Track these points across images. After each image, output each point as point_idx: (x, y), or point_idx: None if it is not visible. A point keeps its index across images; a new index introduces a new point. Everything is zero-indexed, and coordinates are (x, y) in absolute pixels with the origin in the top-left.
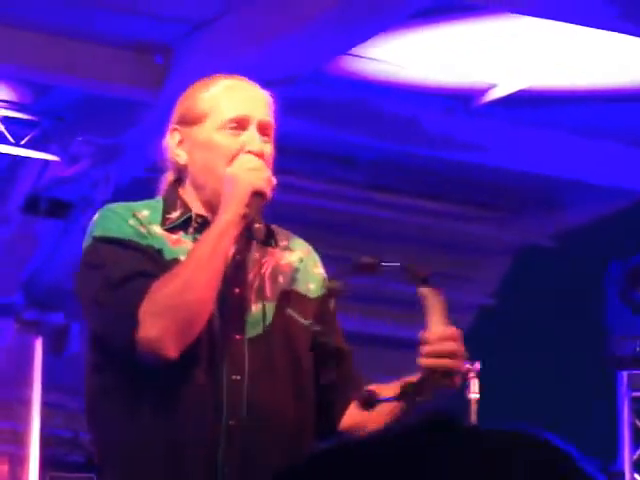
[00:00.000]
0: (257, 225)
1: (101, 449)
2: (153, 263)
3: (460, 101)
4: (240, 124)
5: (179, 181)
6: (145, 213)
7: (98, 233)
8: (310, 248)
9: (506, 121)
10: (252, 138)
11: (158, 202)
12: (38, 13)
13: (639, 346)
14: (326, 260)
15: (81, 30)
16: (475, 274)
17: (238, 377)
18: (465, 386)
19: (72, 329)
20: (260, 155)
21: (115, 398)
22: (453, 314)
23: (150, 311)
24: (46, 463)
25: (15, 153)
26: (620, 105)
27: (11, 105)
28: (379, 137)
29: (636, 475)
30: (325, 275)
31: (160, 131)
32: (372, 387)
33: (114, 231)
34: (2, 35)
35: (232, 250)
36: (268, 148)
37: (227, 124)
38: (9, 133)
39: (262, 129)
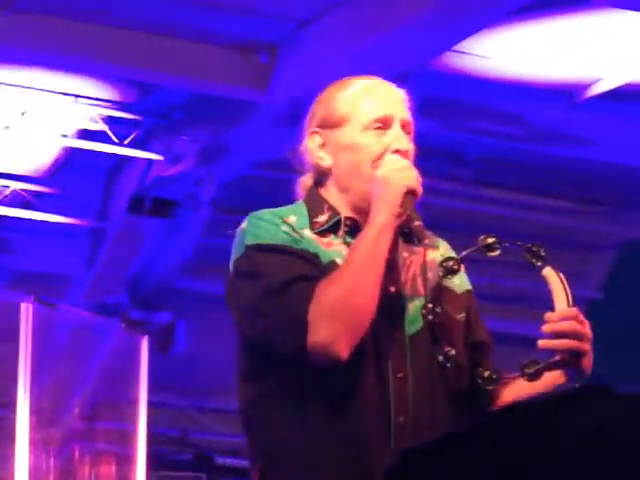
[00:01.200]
0: (417, 223)
1: (264, 457)
2: (311, 266)
3: (565, 95)
4: (384, 123)
5: (319, 184)
6: (293, 219)
7: (251, 241)
8: (449, 246)
9: (612, 115)
10: (398, 137)
11: (300, 206)
12: (143, 13)
13: None
14: None
15: (186, 30)
16: (583, 269)
17: (401, 375)
18: None
19: (178, 328)
20: (406, 153)
21: (279, 405)
22: None
23: (320, 316)
24: (153, 462)
25: (118, 153)
26: None
27: (114, 105)
28: (486, 133)
29: None
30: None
31: (265, 129)
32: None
33: (268, 238)
34: (107, 35)
35: None
36: (411, 146)
37: (371, 124)
38: (112, 133)
39: (404, 127)
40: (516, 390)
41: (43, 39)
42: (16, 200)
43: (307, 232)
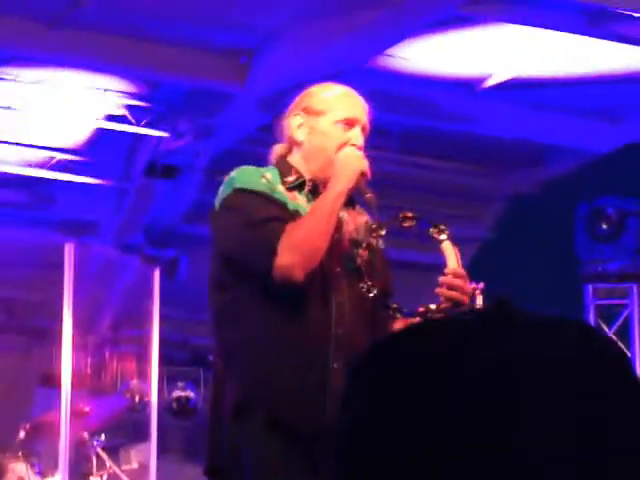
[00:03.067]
0: (368, 195)
1: (229, 347)
2: (282, 211)
3: (467, 87)
4: (349, 124)
5: (288, 152)
6: (269, 175)
7: (239, 185)
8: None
9: (501, 100)
10: (357, 136)
11: (272, 169)
12: (151, 29)
13: (601, 267)
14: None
15: (186, 40)
16: (478, 215)
17: (340, 299)
18: (472, 300)
19: (181, 261)
20: (360, 148)
21: (244, 310)
22: (462, 245)
23: (286, 247)
24: (163, 360)
25: (136, 132)
26: (582, 88)
27: (132, 96)
28: (407, 114)
29: None
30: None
31: (243, 114)
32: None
33: (252, 185)
34: (125, 44)
35: None
36: (362, 144)
37: (341, 121)
38: (132, 116)
39: (363, 130)
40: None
41: (81, 49)
42: (60, 166)
43: (279, 187)
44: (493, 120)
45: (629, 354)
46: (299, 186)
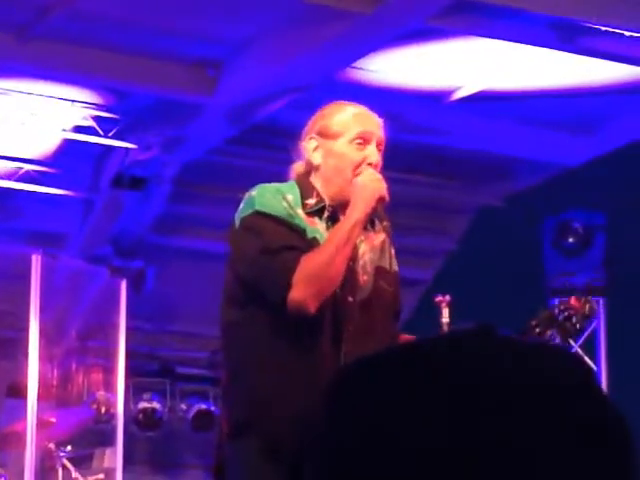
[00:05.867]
0: (385, 223)
1: (236, 363)
2: (300, 239)
3: (435, 99)
4: (365, 140)
5: (309, 173)
6: (290, 197)
7: (259, 208)
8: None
9: (468, 113)
10: (373, 153)
11: (293, 187)
12: (120, 40)
13: (567, 280)
14: None
15: (152, 51)
16: (443, 228)
17: (351, 328)
18: (438, 313)
19: (148, 272)
20: (377, 166)
21: (255, 329)
22: (429, 257)
23: (301, 279)
24: (130, 372)
25: (104, 143)
26: (551, 101)
27: (100, 107)
28: None
29: None
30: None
31: (211, 125)
32: None
33: (271, 209)
34: (92, 55)
35: None
36: (380, 160)
37: (355, 139)
38: (99, 128)
39: (379, 145)
40: None
41: (49, 60)
42: (28, 177)
43: (299, 210)
44: (461, 133)
45: (595, 368)
46: (319, 211)
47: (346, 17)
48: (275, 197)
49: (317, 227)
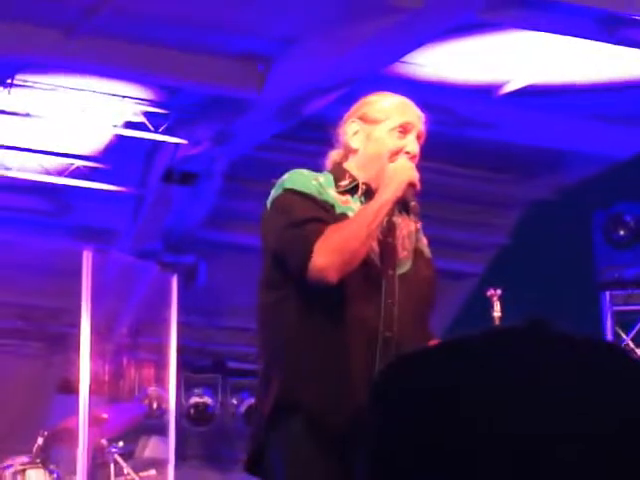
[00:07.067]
0: (413, 203)
1: (273, 346)
2: (326, 213)
3: (484, 93)
4: (404, 129)
5: (344, 159)
6: (321, 179)
7: (288, 186)
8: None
9: (518, 107)
10: (411, 142)
11: (326, 174)
12: (171, 37)
13: (618, 273)
14: None
15: (203, 47)
16: (496, 221)
17: (390, 301)
18: (490, 307)
19: (199, 267)
20: (414, 157)
21: (289, 310)
22: (480, 251)
23: (322, 248)
24: (181, 367)
25: (154, 138)
26: (600, 94)
27: (150, 103)
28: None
29: None
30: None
31: (260, 121)
32: None
33: (301, 186)
34: (142, 51)
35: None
36: (418, 151)
37: (396, 128)
38: (150, 123)
39: (418, 137)
40: None
41: (99, 56)
42: (79, 173)
43: (331, 190)
44: (510, 126)
45: None
46: (352, 190)
47: (395, 11)
48: (306, 177)
49: (350, 205)
